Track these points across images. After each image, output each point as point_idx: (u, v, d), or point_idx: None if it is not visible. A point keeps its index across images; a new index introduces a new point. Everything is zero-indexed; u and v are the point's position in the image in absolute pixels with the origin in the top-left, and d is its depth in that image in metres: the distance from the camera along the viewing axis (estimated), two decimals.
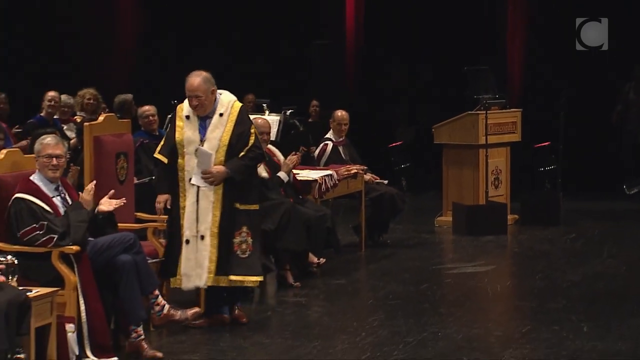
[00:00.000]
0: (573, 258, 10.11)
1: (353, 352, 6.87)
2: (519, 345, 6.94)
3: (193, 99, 7.41)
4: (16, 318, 5.97)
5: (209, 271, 7.41)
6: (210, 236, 7.43)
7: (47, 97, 10.54)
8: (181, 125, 7.47)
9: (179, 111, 7.54)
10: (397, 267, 9.68)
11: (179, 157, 7.44)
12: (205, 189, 7.41)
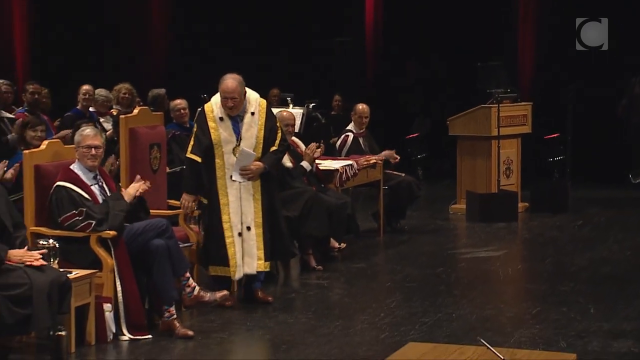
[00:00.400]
0: (580, 244, 10.08)
1: (372, 332, 6.90)
2: (529, 326, 6.96)
3: (229, 101, 7.42)
4: (57, 298, 6.05)
5: (258, 258, 7.52)
6: (255, 227, 7.52)
7: (81, 90, 10.58)
8: (214, 127, 7.47)
9: (208, 113, 7.51)
10: (414, 252, 9.68)
11: (216, 157, 7.47)
12: (245, 184, 7.49)
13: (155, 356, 6.35)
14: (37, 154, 7.00)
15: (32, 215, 6.81)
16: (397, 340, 6.44)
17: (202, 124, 7.53)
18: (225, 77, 7.53)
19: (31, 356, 6.41)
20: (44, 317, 5.95)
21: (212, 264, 7.53)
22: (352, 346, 6.55)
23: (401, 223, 10.77)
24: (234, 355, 6.73)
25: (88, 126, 7.45)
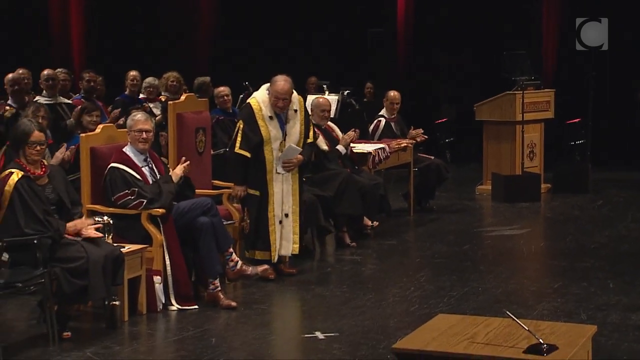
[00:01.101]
0: (600, 222, 10.03)
1: (403, 304, 6.91)
2: (551, 299, 6.94)
3: (281, 101, 7.46)
4: (112, 271, 6.11)
5: (293, 242, 7.64)
6: (292, 214, 7.64)
7: (129, 76, 10.64)
8: (264, 125, 7.50)
9: (257, 112, 7.50)
10: (442, 230, 9.66)
11: (265, 152, 7.52)
12: (285, 175, 7.59)
13: (201, 325, 6.38)
14: (92, 137, 7.07)
15: (88, 193, 6.88)
16: (426, 312, 6.45)
17: (250, 122, 7.51)
18: (277, 79, 7.52)
19: (88, 324, 6.50)
20: (100, 288, 6.02)
21: (258, 249, 7.60)
22: (384, 318, 6.56)
23: (430, 203, 10.76)
24: (274, 325, 6.76)
25: (139, 111, 7.50)
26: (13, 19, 14.31)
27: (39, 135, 6.13)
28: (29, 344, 6.02)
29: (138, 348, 6.04)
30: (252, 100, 7.62)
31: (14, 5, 14.38)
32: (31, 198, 5.99)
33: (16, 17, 14.35)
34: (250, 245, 7.66)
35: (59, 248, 6.00)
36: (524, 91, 11.32)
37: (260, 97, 7.59)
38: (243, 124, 7.53)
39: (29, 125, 6.19)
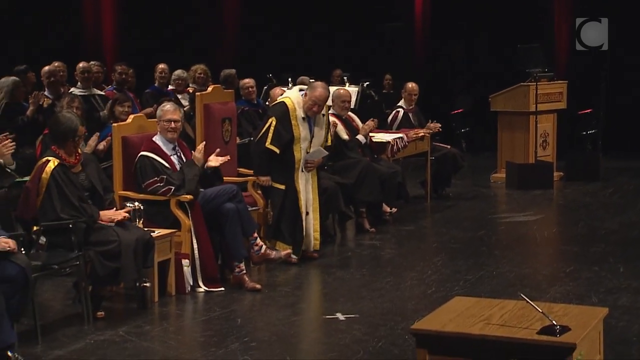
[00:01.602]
0: (611, 209, 9.98)
1: (420, 287, 6.91)
2: (563, 283, 6.92)
3: (317, 107, 7.52)
4: (142, 254, 6.15)
5: (314, 239, 7.69)
6: (313, 212, 7.68)
7: (158, 69, 10.66)
8: (297, 125, 7.52)
9: (291, 111, 7.52)
10: (458, 216, 9.65)
11: (295, 150, 7.55)
12: (307, 174, 7.64)
13: (228, 306, 6.40)
14: (124, 126, 7.10)
15: (120, 180, 6.91)
16: (442, 295, 6.44)
17: (283, 120, 7.50)
18: (317, 85, 7.59)
19: (120, 304, 6.54)
20: (131, 270, 6.06)
21: (279, 240, 7.59)
22: (402, 300, 6.57)
23: (446, 190, 10.73)
24: (297, 306, 6.77)
25: (169, 102, 7.52)
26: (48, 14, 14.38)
27: (83, 130, 6.21)
28: (64, 323, 6.07)
29: (167, 328, 6.08)
30: (287, 99, 7.61)
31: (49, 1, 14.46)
32: (66, 185, 6.03)
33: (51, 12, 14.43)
34: (272, 235, 7.65)
35: (93, 232, 6.05)
36: (538, 83, 11.27)
37: (294, 98, 7.59)
38: (276, 121, 7.49)
39: (75, 122, 6.20)
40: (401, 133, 9.91)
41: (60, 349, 5.55)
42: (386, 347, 5.50)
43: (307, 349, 5.60)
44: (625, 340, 5.54)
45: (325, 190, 8.08)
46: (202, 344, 5.73)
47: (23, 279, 5.30)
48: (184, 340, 5.91)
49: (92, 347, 5.60)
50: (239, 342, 5.64)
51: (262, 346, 5.65)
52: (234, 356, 5.39)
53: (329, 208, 8.22)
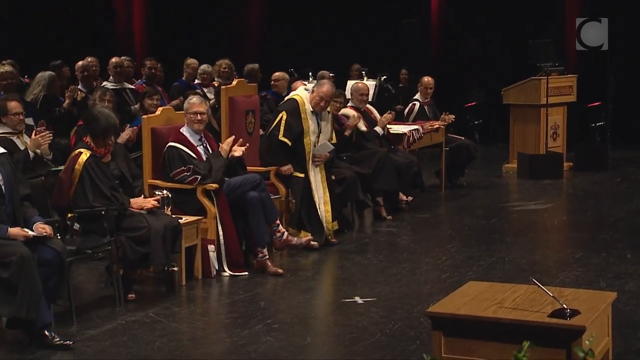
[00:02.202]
0: (618, 198, 9.93)
1: (435, 272, 6.91)
2: (572, 269, 6.89)
3: (324, 102, 7.56)
4: (170, 239, 6.17)
5: (327, 229, 7.67)
6: (323, 204, 7.66)
7: (186, 63, 10.71)
8: (306, 118, 7.58)
9: (301, 105, 7.58)
10: (471, 205, 9.62)
11: (305, 143, 7.60)
12: (315, 168, 7.68)
13: (251, 290, 6.43)
14: (153, 118, 7.12)
15: (150, 169, 6.94)
16: (456, 280, 6.43)
17: (294, 114, 7.55)
18: (324, 82, 7.67)
19: (150, 287, 6.59)
20: (160, 255, 6.08)
21: (302, 228, 7.59)
22: (417, 284, 6.57)
23: (460, 180, 10.71)
24: (317, 290, 6.79)
25: (195, 95, 7.53)
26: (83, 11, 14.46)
27: (117, 123, 6.27)
28: (97, 305, 6.12)
29: (194, 310, 6.10)
30: (297, 96, 7.68)
31: None
32: (98, 175, 6.06)
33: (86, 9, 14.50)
34: (295, 223, 7.64)
35: (124, 219, 6.08)
36: (548, 76, 11.21)
37: (303, 95, 7.68)
38: (287, 115, 7.54)
39: (114, 118, 6.24)
40: (417, 125, 9.90)
41: (93, 329, 5.59)
42: (402, 330, 5.50)
43: (327, 330, 5.61)
44: (633, 324, 5.51)
45: (344, 179, 8.10)
46: (227, 325, 5.75)
47: (59, 263, 5.34)
48: (210, 321, 5.94)
49: (124, 327, 5.64)
50: (262, 323, 5.66)
51: (284, 327, 5.67)
52: (257, 337, 5.41)
53: (348, 197, 8.22)
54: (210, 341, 5.44)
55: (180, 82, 10.55)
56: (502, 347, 3.52)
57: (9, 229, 5.27)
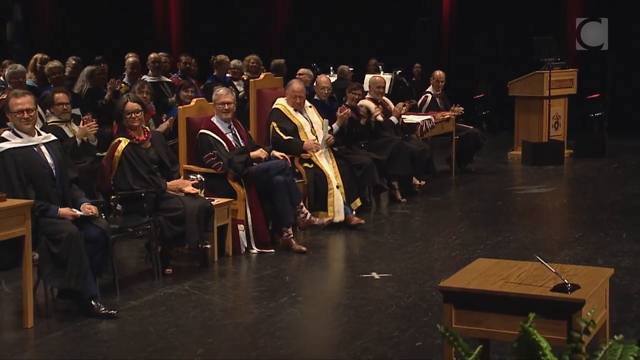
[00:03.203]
0: (615, 182, 9.87)
1: (445, 251, 6.90)
2: (572, 247, 6.87)
3: (298, 98, 7.64)
4: (204, 219, 6.18)
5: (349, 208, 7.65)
6: (336, 187, 7.62)
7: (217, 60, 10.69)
8: (293, 116, 7.65)
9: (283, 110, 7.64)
10: (479, 188, 9.59)
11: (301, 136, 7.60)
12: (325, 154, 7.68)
13: (277, 266, 6.45)
14: (188, 109, 7.14)
15: (185, 155, 6.96)
16: (465, 257, 6.42)
17: (281, 118, 7.60)
18: (292, 82, 7.80)
19: (185, 263, 6.62)
20: (194, 233, 6.10)
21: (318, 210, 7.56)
22: (429, 262, 6.57)
23: (469, 166, 10.67)
24: (337, 266, 6.81)
25: (222, 87, 7.53)
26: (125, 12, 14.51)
27: (132, 105, 6.15)
28: (138, 278, 6.17)
29: (226, 283, 6.14)
30: (278, 104, 7.70)
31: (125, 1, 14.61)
32: (136, 161, 6.08)
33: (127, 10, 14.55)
34: (313, 207, 7.63)
35: (162, 200, 6.10)
36: (551, 71, 11.12)
37: (282, 102, 7.70)
38: (276, 123, 7.58)
39: (123, 99, 6.28)
40: (429, 115, 9.86)
41: (134, 300, 5.64)
42: (416, 302, 5.51)
43: (347, 303, 5.62)
44: (628, 297, 5.50)
45: (362, 165, 8.08)
46: (255, 297, 5.77)
47: (103, 240, 5.38)
48: (240, 294, 5.97)
49: (162, 298, 5.67)
50: (288, 296, 5.68)
51: (307, 300, 5.69)
52: (282, 308, 5.42)
53: (366, 181, 8.21)
54: (240, 312, 5.47)
55: (211, 78, 10.55)
56: (508, 318, 3.51)
57: (59, 209, 5.31)
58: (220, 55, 10.68)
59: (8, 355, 4.75)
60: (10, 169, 5.25)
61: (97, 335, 5.03)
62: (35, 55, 9.29)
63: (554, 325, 3.39)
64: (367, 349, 4.72)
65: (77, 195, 5.52)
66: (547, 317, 3.24)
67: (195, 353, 4.71)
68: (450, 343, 2.74)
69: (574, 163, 11.24)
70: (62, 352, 4.78)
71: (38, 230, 5.20)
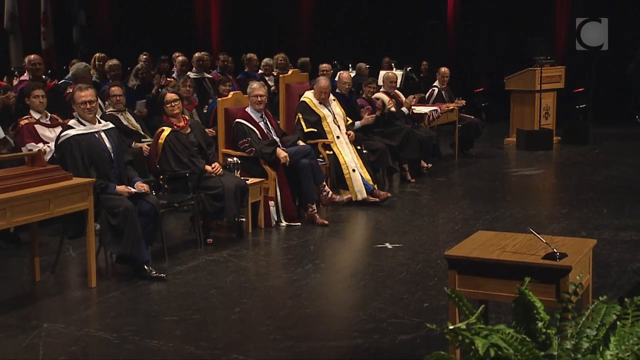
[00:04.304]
0: (597, 165, 9.76)
1: (450, 224, 6.87)
2: (560, 221, 6.83)
3: (324, 94, 7.59)
4: (240, 196, 6.21)
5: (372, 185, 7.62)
6: (359, 168, 7.59)
7: (247, 58, 10.70)
8: (318, 108, 7.58)
9: (309, 103, 7.58)
10: (479, 170, 9.53)
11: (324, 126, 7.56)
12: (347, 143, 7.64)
13: (303, 237, 6.46)
14: (226, 101, 7.14)
15: (223, 140, 6.96)
16: (467, 230, 6.40)
17: (307, 110, 7.57)
18: (319, 79, 7.74)
19: (224, 234, 6.63)
20: (232, 208, 6.13)
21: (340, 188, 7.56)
22: (435, 234, 6.56)
23: (470, 150, 10.60)
24: (355, 237, 6.81)
25: (255, 82, 7.53)
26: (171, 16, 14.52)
27: (171, 96, 6.16)
28: (184, 247, 6.20)
29: (258, 252, 6.16)
30: (305, 98, 7.66)
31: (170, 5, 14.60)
32: (177, 146, 6.10)
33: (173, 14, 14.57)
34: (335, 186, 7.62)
35: (203, 180, 6.13)
36: (542, 68, 11.01)
37: (309, 95, 7.66)
38: (302, 114, 7.55)
39: (163, 91, 6.31)
40: (436, 106, 9.80)
41: (181, 265, 5.68)
42: (424, 269, 5.51)
43: (363, 269, 5.63)
44: (607, 265, 5.48)
45: (377, 150, 8.07)
46: (284, 264, 5.79)
47: (154, 213, 5.42)
48: (271, 261, 5.98)
49: (204, 264, 5.71)
50: (312, 263, 5.69)
51: (328, 267, 5.70)
52: (307, 274, 5.44)
53: (380, 163, 8.19)
54: (271, 276, 5.49)
55: (243, 73, 10.54)
56: (504, 283, 3.50)
57: (117, 187, 5.36)
58: (250, 54, 10.68)
59: (75, 310, 4.82)
60: (75, 152, 5.31)
61: (149, 294, 5.08)
62: (95, 54, 9.33)
63: (545, 288, 3.37)
64: (381, 309, 4.74)
65: (132, 175, 5.56)
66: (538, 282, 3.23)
67: (232, 311, 4.74)
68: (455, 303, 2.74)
69: (561, 148, 11.14)
70: (119, 308, 4.83)
71: (99, 205, 5.26)
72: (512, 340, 2.56)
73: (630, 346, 2.60)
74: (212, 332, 4.42)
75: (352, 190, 7.50)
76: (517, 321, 2.75)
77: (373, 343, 4.22)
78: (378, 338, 4.29)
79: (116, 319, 4.64)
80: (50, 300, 5.03)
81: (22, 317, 4.69)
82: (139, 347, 4.21)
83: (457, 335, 2.52)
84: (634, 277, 5.25)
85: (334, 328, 4.49)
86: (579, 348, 2.62)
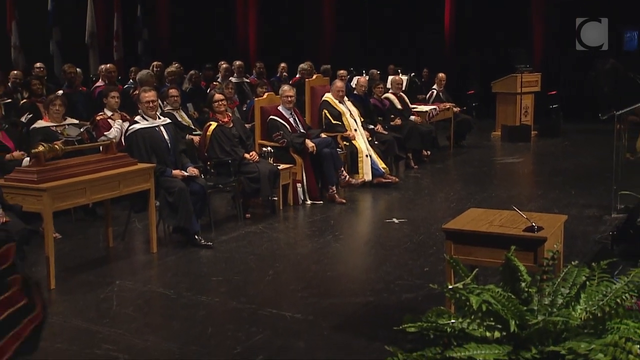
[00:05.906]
0: (567, 154, 9.63)
1: (446, 203, 6.84)
2: (536, 201, 6.76)
3: (341, 92, 7.53)
4: (273, 180, 6.21)
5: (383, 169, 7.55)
6: (374, 154, 7.55)
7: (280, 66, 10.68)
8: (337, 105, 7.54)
9: (331, 101, 7.53)
10: (470, 158, 9.44)
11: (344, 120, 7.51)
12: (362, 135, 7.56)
13: (324, 213, 6.44)
14: (261, 100, 7.11)
15: (259, 133, 6.95)
16: (460, 208, 6.33)
17: (329, 106, 7.52)
18: (336, 81, 7.74)
19: (260, 210, 6.61)
20: (266, 189, 6.14)
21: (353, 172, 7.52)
22: (434, 211, 6.52)
23: (462, 142, 10.51)
24: (368, 213, 6.79)
25: (286, 84, 7.49)
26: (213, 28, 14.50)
27: (218, 96, 6.22)
28: (227, 220, 6.22)
29: (288, 225, 6.17)
30: (327, 97, 7.59)
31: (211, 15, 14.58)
32: (222, 138, 6.11)
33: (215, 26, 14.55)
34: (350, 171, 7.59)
35: (243, 165, 6.13)
36: (522, 74, 10.89)
37: (329, 95, 7.60)
38: (326, 110, 7.52)
39: (212, 93, 6.34)
40: (435, 105, 9.74)
41: (225, 235, 5.71)
42: (425, 240, 5.49)
43: (374, 239, 5.62)
44: (575, 236, 5.43)
45: (385, 141, 8.02)
46: (309, 235, 5.80)
47: (203, 193, 5.45)
48: (298, 232, 5.99)
49: (243, 235, 5.73)
50: (332, 235, 5.70)
51: (346, 237, 5.69)
52: (329, 243, 5.45)
53: (388, 152, 8.14)
54: (298, 245, 5.49)
55: (275, 77, 10.52)
56: (492, 250, 3.49)
57: (173, 171, 5.41)
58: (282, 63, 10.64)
59: (141, 271, 4.89)
60: (140, 142, 5.36)
61: (199, 259, 5.11)
62: (153, 62, 9.38)
63: (525, 255, 3.35)
64: (389, 272, 4.74)
65: (185, 161, 5.60)
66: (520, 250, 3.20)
67: (267, 273, 4.77)
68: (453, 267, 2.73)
69: (538, 141, 11.00)
70: (176, 269, 4.88)
71: (158, 185, 5.30)
72: (500, 297, 2.55)
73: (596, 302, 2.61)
74: (250, 289, 4.46)
75: (362, 171, 7.45)
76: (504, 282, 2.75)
77: (383, 300, 4.24)
78: (387, 296, 4.30)
79: (173, 278, 4.69)
80: (121, 262, 5.09)
81: (99, 275, 4.77)
82: (191, 300, 4.26)
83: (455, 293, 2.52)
84: (596, 245, 5.19)
85: (350, 287, 4.50)
86: (555, 303, 2.62)
